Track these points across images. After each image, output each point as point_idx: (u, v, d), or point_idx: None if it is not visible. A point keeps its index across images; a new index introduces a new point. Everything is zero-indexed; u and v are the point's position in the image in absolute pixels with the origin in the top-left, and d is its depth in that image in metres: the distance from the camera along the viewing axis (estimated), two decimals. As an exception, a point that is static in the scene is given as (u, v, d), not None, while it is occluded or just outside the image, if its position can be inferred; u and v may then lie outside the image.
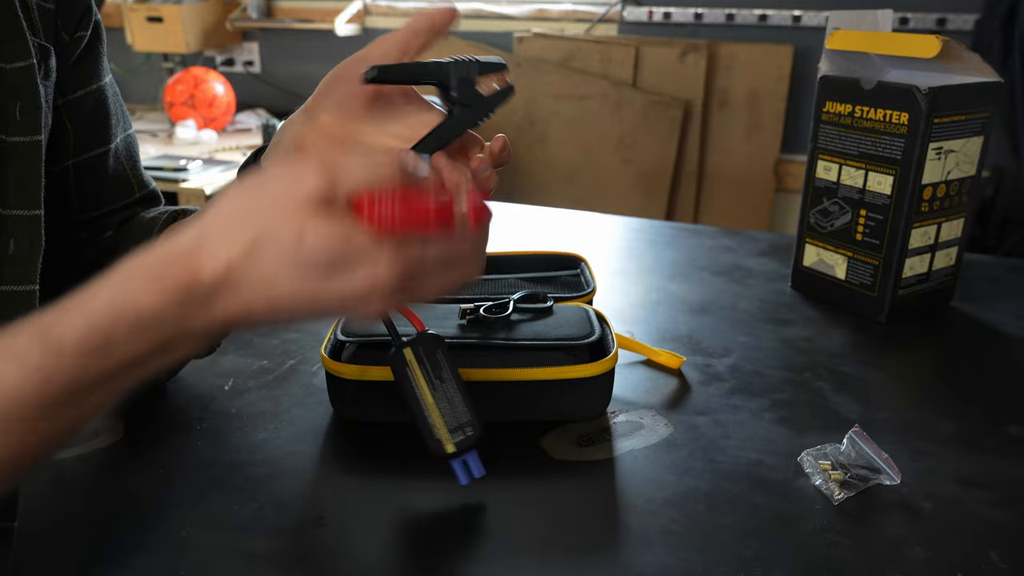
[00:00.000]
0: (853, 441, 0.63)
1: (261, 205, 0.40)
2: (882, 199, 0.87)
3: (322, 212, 0.40)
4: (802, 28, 2.53)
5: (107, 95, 0.71)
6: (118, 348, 0.38)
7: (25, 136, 0.58)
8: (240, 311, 0.40)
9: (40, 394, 0.37)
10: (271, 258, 0.39)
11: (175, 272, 0.39)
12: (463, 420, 0.56)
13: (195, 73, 2.88)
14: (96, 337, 0.38)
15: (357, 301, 0.41)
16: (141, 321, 0.39)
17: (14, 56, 0.57)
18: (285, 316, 0.42)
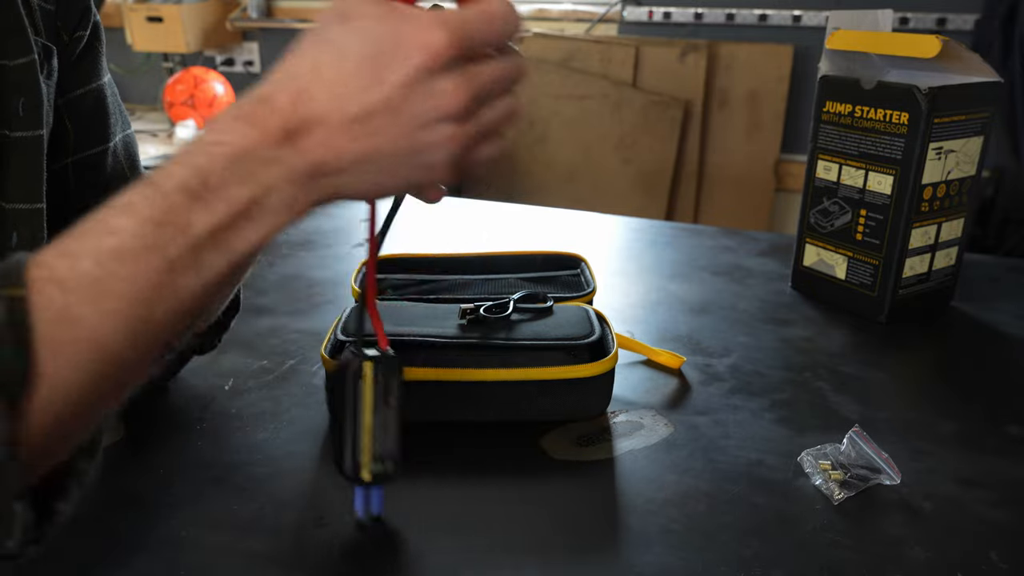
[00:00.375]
0: (853, 441, 0.63)
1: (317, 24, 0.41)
2: (882, 199, 0.87)
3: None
4: (802, 28, 2.53)
5: (106, 94, 0.71)
6: (218, 190, 0.38)
7: (27, 131, 0.58)
8: (323, 136, 0.39)
9: (153, 239, 0.36)
10: (329, 58, 0.40)
11: (253, 107, 0.40)
12: (390, 453, 0.52)
13: (195, 73, 2.88)
14: (195, 180, 0.38)
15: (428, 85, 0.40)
16: (235, 157, 0.38)
17: (17, 53, 0.57)
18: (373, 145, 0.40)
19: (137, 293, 0.36)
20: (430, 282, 0.84)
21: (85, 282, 0.35)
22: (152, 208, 0.37)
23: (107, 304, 0.35)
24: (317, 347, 0.81)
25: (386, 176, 0.42)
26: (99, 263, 0.35)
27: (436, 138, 0.41)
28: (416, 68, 0.39)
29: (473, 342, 0.66)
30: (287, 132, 0.39)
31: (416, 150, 0.41)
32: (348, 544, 0.55)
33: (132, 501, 0.58)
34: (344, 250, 1.12)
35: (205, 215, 0.38)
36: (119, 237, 0.36)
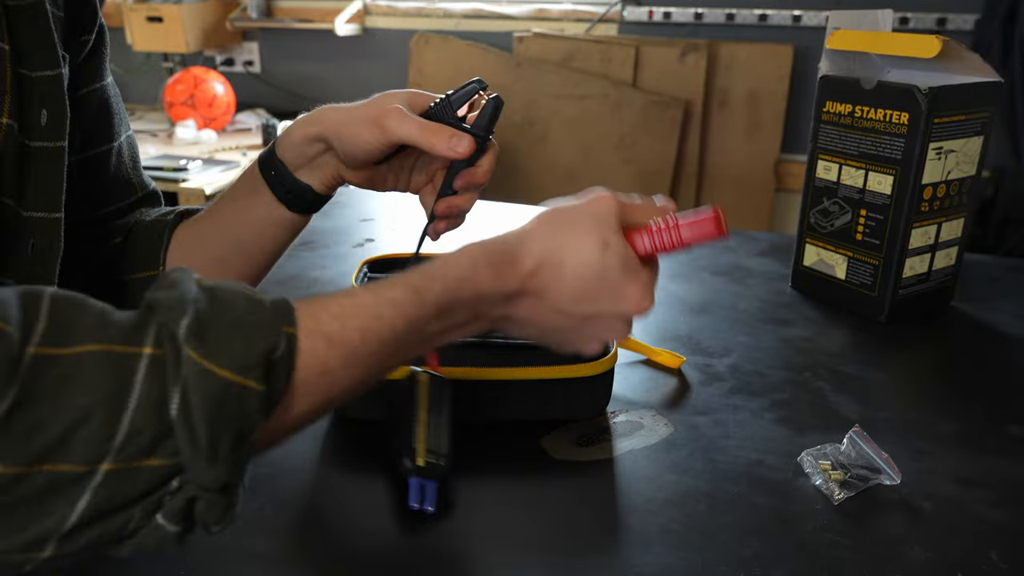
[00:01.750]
0: (853, 441, 0.63)
1: (573, 217, 0.51)
2: (882, 199, 0.87)
3: (620, 231, 0.51)
4: (802, 28, 2.53)
5: (109, 94, 0.71)
6: (454, 313, 0.48)
7: (49, 142, 0.59)
8: (534, 306, 0.51)
9: (402, 334, 0.46)
10: (577, 261, 0.50)
11: (504, 264, 0.50)
12: (443, 450, 0.57)
13: (195, 73, 2.88)
14: (447, 300, 0.47)
15: (616, 321, 0.52)
16: (475, 296, 0.49)
17: (42, 64, 0.58)
18: (553, 325, 0.52)
19: (373, 367, 0.45)
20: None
21: (345, 346, 0.43)
22: (412, 312, 0.46)
23: (352, 370, 0.44)
24: (317, 347, 0.81)
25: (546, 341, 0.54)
26: (363, 340, 0.44)
27: (593, 345, 0.54)
28: (619, 311, 0.52)
29: (472, 341, 0.66)
30: (514, 293, 0.50)
31: (578, 343, 0.54)
32: (347, 544, 0.55)
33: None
34: (344, 250, 1.12)
35: (437, 325, 0.48)
36: (383, 325, 0.45)
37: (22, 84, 0.57)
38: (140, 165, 0.77)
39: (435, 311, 0.47)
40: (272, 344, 0.39)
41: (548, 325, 0.52)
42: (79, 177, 0.69)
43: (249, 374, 0.38)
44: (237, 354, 0.38)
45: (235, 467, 0.39)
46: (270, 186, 0.66)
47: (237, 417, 0.38)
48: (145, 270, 0.71)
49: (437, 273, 0.48)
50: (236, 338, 0.38)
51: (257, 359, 0.38)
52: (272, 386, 0.39)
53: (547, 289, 0.50)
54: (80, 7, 0.66)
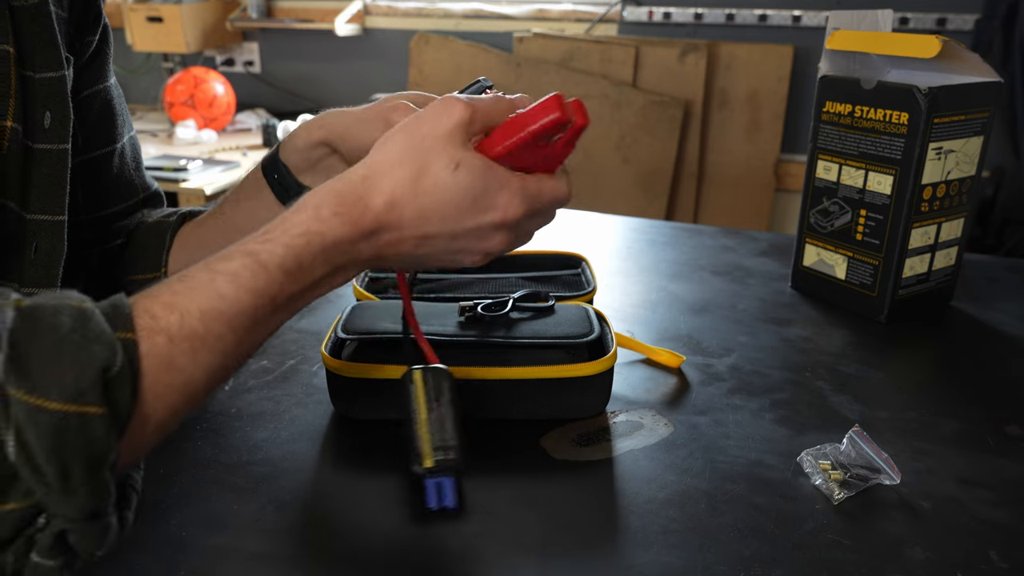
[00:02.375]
0: (853, 441, 0.63)
1: (417, 141, 0.49)
2: (882, 199, 0.87)
3: (469, 145, 0.49)
4: (802, 28, 2.53)
5: (112, 96, 0.71)
6: (306, 270, 0.46)
7: (52, 144, 0.59)
8: (395, 239, 0.49)
9: (250, 307, 0.43)
10: (428, 188, 0.48)
11: (351, 206, 0.47)
12: (449, 443, 0.56)
13: (195, 73, 2.88)
14: (292, 260, 0.45)
15: (489, 232, 0.50)
16: (325, 248, 0.46)
17: (45, 66, 0.58)
18: (423, 251, 0.50)
19: (227, 349, 0.43)
20: (431, 281, 0.84)
21: (189, 337, 0.41)
22: (255, 281, 0.44)
23: (203, 359, 0.41)
24: (317, 347, 0.81)
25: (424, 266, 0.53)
26: (204, 323, 0.41)
27: (473, 257, 0.52)
28: (488, 222, 0.50)
29: (472, 340, 0.66)
30: (371, 232, 0.48)
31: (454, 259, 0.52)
32: (347, 544, 0.55)
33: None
34: (344, 250, 1.12)
35: (291, 287, 0.45)
36: (225, 303, 0.42)
37: (26, 86, 0.57)
38: (143, 166, 0.77)
39: (282, 274, 0.44)
40: (107, 360, 0.37)
41: (420, 252, 0.50)
42: (82, 178, 0.69)
43: (84, 399, 0.36)
44: (67, 382, 0.35)
45: (97, 493, 0.37)
46: (273, 189, 0.66)
47: (82, 445, 0.36)
48: (147, 272, 0.71)
49: (276, 233, 0.46)
50: (64, 364, 0.36)
51: (91, 382, 0.36)
52: (115, 405, 0.37)
53: (406, 220, 0.48)
54: (84, 8, 0.66)
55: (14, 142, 0.56)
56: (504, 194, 0.49)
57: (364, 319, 0.69)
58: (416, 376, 0.58)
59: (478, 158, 0.49)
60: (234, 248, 0.45)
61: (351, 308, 0.73)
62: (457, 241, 0.50)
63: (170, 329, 0.40)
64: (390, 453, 0.64)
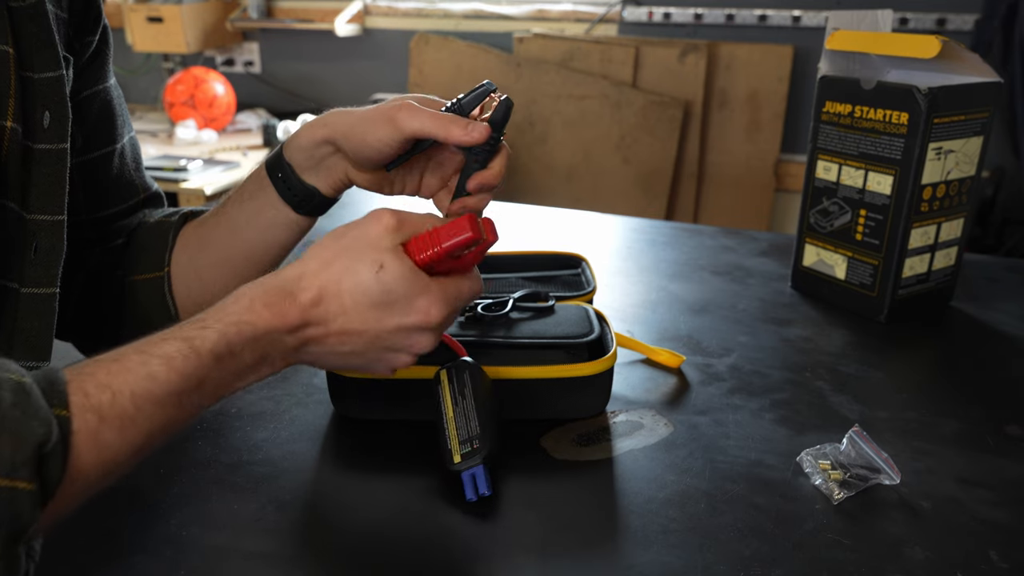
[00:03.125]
0: (853, 441, 0.63)
1: (347, 243, 0.52)
2: (882, 199, 0.87)
3: (398, 249, 0.51)
4: (802, 28, 2.53)
5: (112, 96, 0.71)
6: (236, 356, 0.48)
7: (52, 144, 0.59)
8: (319, 334, 0.51)
9: (178, 390, 0.45)
10: (352, 287, 0.50)
11: (282, 300, 0.50)
12: (473, 433, 0.58)
13: (195, 73, 2.88)
14: (223, 346, 0.47)
15: (412, 333, 0.52)
16: (255, 336, 0.48)
17: (44, 67, 0.58)
18: (348, 349, 0.52)
19: (155, 429, 0.44)
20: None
21: (119, 416, 0.42)
22: (187, 365, 0.45)
23: (131, 437, 0.43)
24: (317, 347, 0.81)
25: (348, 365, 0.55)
26: (135, 405, 0.43)
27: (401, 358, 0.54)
28: (410, 324, 0.52)
29: (472, 340, 0.66)
30: (298, 326, 0.50)
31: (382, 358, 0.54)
32: (348, 544, 0.55)
33: (132, 501, 0.58)
34: (344, 250, 1.12)
35: (220, 374, 0.47)
36: (156, 384, 0.44)
37: (25, 87, 0.57)
38: (143, 166, 0.77)
39: (212, 360, 0.46)
40: (43, 436, 0.38)
41: (344, 350, 0.52)
42: (82, 179, 0.69)
43: (17, 474, 0.36)
44: (3, 456, 0.36)
45: (10, 567, 0.37)
46: (277, 188, 0.66)
47: (8, 519, 0.36)
48: (150, 271, 0.71)
49: (210, 320, 0.48)
50: (3, 438, 0.37)
51: (25, 458, 0.37)
52: (45, 481, 0.38)
53: (330, 317, 0.51)
54: (84, 8, 0.66)
55: (14, 142, 0.56)
56: (425, 298, 0.52)
57: None
58: (443, 377, 0.61)
59: (402, 262, 0.51)
60: (170, 332, 0.47)
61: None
62: (381, 340, 0.52)
63: (101, 408, 0.41)
64: (390, 453, 0.64)
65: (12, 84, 0.56)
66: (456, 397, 0.60)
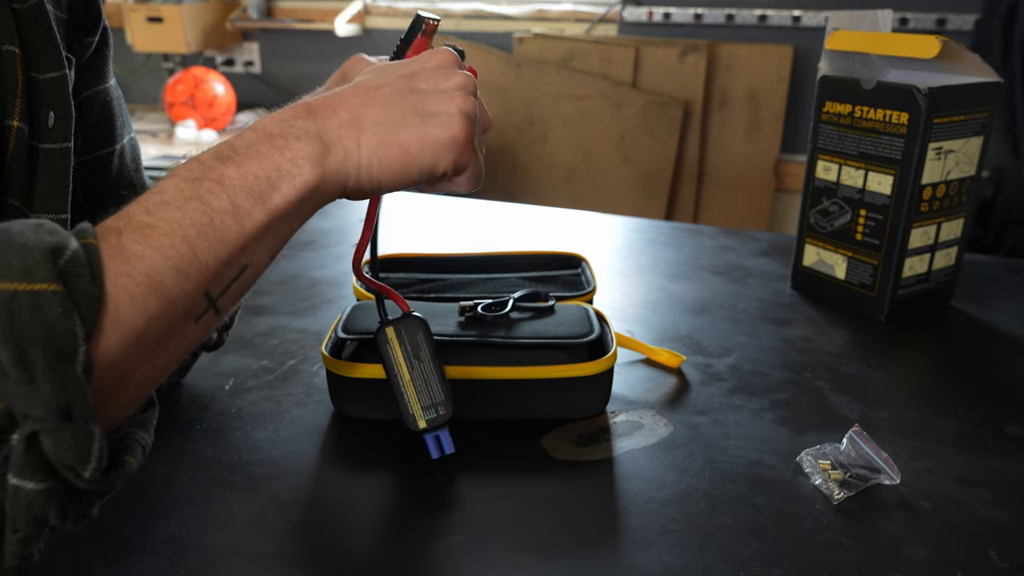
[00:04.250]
0: (853, 441, 0.63)
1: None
2: (882, 199, 0.87)
3: None
4: (802, 28, 2.53)
5: (112, 97, 0.71)
6: (245, 152, 0.43)
7: (56, 143, 0.59)
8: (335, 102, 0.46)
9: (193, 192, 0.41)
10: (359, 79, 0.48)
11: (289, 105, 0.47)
12: (436, 400, 0.59)
13: (195, 73, 2.88)
14: (225, 147, 0.44)
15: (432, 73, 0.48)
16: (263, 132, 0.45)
17: (48, 67, 0.59)
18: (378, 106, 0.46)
19: (182, 231, 0.40)
20: (431, 281, 0.84)
21: (137, 225, 0.39)
22: (190, 170, 0.42)
23: (156, 239, 0.39)
24: (317, 347, 0.81)
25: (401, 130, 0.47)
26: (148, 211, 0.40)
27: (443, 100, 0.48)
28: (425, 67, 0.49)
29: (471, 340, 0.66)
30: (311, 109, 0.46)
31: (424, 105, 0.47)
32: (348, 544, 0.55)
33: (132, 501, 0.58)
34: (344, 250, 1.12)
35: (237, 169, 0.43)
36: (165, 194, 0.41)
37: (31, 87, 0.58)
38: (142, 167, 0.77)
39: (218, 160, 0.43)
40: (56, 244, 0.36)
41: (373, 111, 0.46)
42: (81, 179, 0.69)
43: (33, 277, 0.34)
44: (14, 264, 0.34)
45: (65, 386, 0.34)
46: None
47: (39, 327, 0.33)
48: None
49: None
50: (11, 251, 0.35)
51: (37, 262, 0.35)
52: (72, 286, 0.35)
53: (344, 92, 0.47)
54: (84, 9, 0.66)
55: (20, 142, 0.56)
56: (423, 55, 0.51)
57: (364, 319, 0.69)
58: (390, 334, 0.59)
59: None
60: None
61: (351, 308, 0.73)
62: (413, 81, 0.48)
63: (118, 226, 0.39)
64: (390, 453, 0.64)
65: (19, 84, 0.56)
66: (411, 360, 0.59)
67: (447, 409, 0.59)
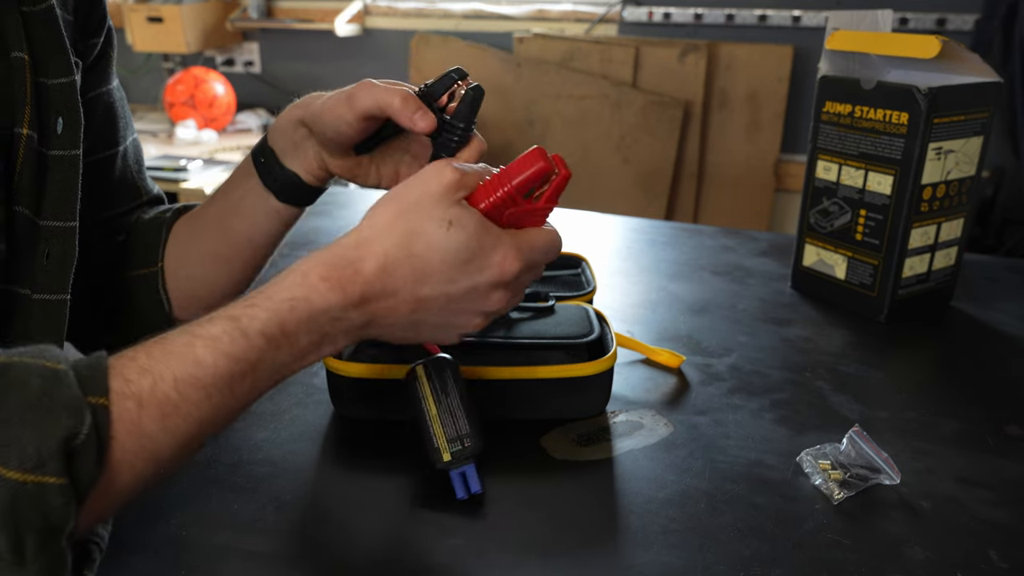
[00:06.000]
0: (853, 441, 0.63)
1: (408, 205, 0.48)
2: (882, 199, 0.87)
3: (463, 203, 0.48)
4: (802, 28, 2.53)
5: (115, 98, 0.71)
6: (290, 337, 0.44)
7: (65, 150, 0.59)
8: (389, 306, 0.47)
9: (227, 374, 0.42)
10: (422, 249, 0.47)
11: (341, 271, 0.46)
12: (463, 432, 0.58)
13: (195, 73, 2.88)
14: (275, 327, 0.43)
15: (487, 292, 0.49)
16: (312, 314, 0.45)
17: (57, 72, 0.58)
18: (419, 318, 0.48)
19: (202, 415, 0.41)
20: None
21: (160, 404, 0.40)
22: (234, 347, 0.42)
23: (173, 425, 0.40)
24: (317, 347, 0.81)
25: (420, 336, 0.51)
26: (178, 391, 0.40)
27: (473, 320, 0.51)
28: (485, 282, 0.49)
29: (472, 340, 0.66)
30: (362, 300, 0.46)
31: (453, 323, 0.51)
32: (348, 544, 0.55)
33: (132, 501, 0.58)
34: (344, 250, 1.12)
35: (273, 355, 0.44)
36: (201, 369, 0.41)
37: (40, 93, 0.57)
38: (144, 169, 0.77)
39: (263, 340, 0.43)
40: (72, 429, 0.36)
41: (416, 318, 0.48)
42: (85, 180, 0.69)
43: (44, 470, 0.35)
44: (28, 452, 0.35)
45: (52, 565, 0.36)
46: (259, 174, 0.66)
47: (38, 516, 0.35)
48: (144, 266, 0.71)
49: (260, 299, 0.44)
50: (27, 431, 0.35)
51: (51, 453, 0.35)
52: (78, 474, 0.36)
53: (400, 285, 0.47)
54: (89, 10, 0.66)
55: (29, 149, 0.56)
56: (500, 251, 0.48)
57: None
58: (420, 373, 0.59)
59: (472, 215, 0.48)
60: (217, 313, 0.44)
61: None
62: (455, 303, 0.49)
63: (141, 394, 0.39)
64: (390, 453, 0.64)
65: (28, 91, 0.56)
66: (439, 395, 0.58)
67: (474, 441, 0.57)
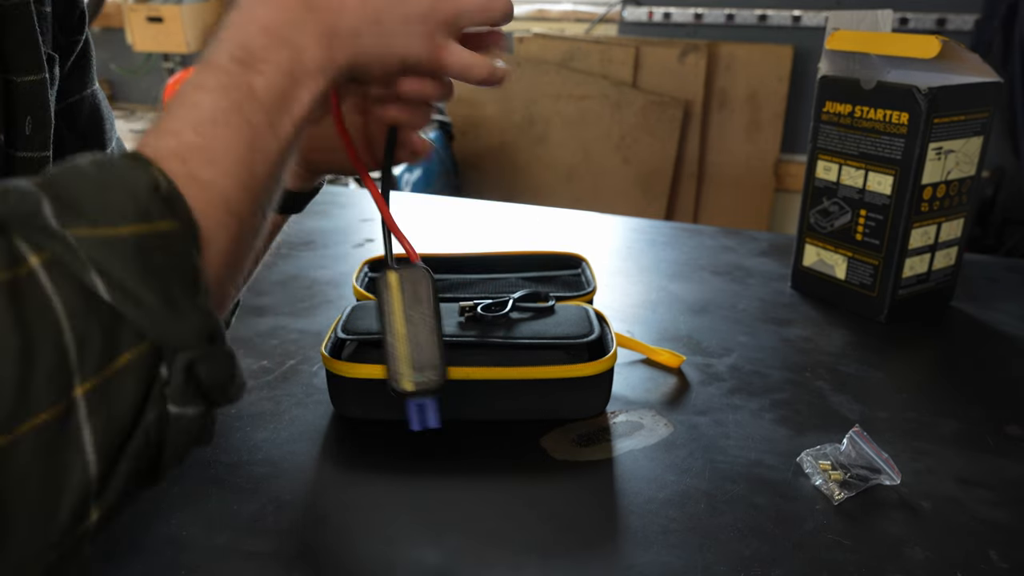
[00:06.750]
0: (853, 441, 0.63)
1: None
2: (882, 199, 0.87)
3: None
4: (802, 28, 2.53)
5: (99, 99, 0.71)
6: (261, 56, 0.41)
7: (34, 151, 0.58)
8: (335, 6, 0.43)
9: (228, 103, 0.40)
10: None
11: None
12: (428, 363, 0.51)
13: (195, 73, 2.88)
14: (239, 51, 0.41)
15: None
16: (265, 27, 0.42)
17: (27, 69, 0.56)
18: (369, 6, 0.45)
19: (237, 152, 0.39)
20: (430, 282, 0.84)
21: (195, 150, 0.38)
22: (217, 79, 0.40)
23: (221, 165, 0.38)
24: (317, 347, 0.81)
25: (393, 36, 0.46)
26: (199, 133, 0.38)
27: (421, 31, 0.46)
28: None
29: (472, 340, 0.66)
30: (305, 3, 0.43)
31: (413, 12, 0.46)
32: (347, 544, 0.55)
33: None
34: (344, 250, 1.12)
35: (261, 79, 0.41)
36: (203, 109, 0.39)
37: (9, 92, 0.55)
38: None
39: (239, 66, 0.41)
40: (151, 179, 0.35)
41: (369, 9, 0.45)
42: None
43: (151, 217, 0.34)
44: (127, 207, 0.34)
45: (206, 315, 0.35)
46: None
47: (170, 264, 0.34)
48: None
49: (214, 37, 0.43)
50: (114, 191, 0.34)
51: (146, 200, 0.34)
52: (183, 219, 0.35)
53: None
54: (70, 6, 0.65)
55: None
56: None
57: (364, 319, 0.69)
58: (392, 281, 0.51)
59: None
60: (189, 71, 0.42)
61: (351, 308, 0.73)
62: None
63: (175, 150, 0.38)
64: (390, 453, 0.64)
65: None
66: (409, 312, 0.51)
67: (439, 375, 0.51)
